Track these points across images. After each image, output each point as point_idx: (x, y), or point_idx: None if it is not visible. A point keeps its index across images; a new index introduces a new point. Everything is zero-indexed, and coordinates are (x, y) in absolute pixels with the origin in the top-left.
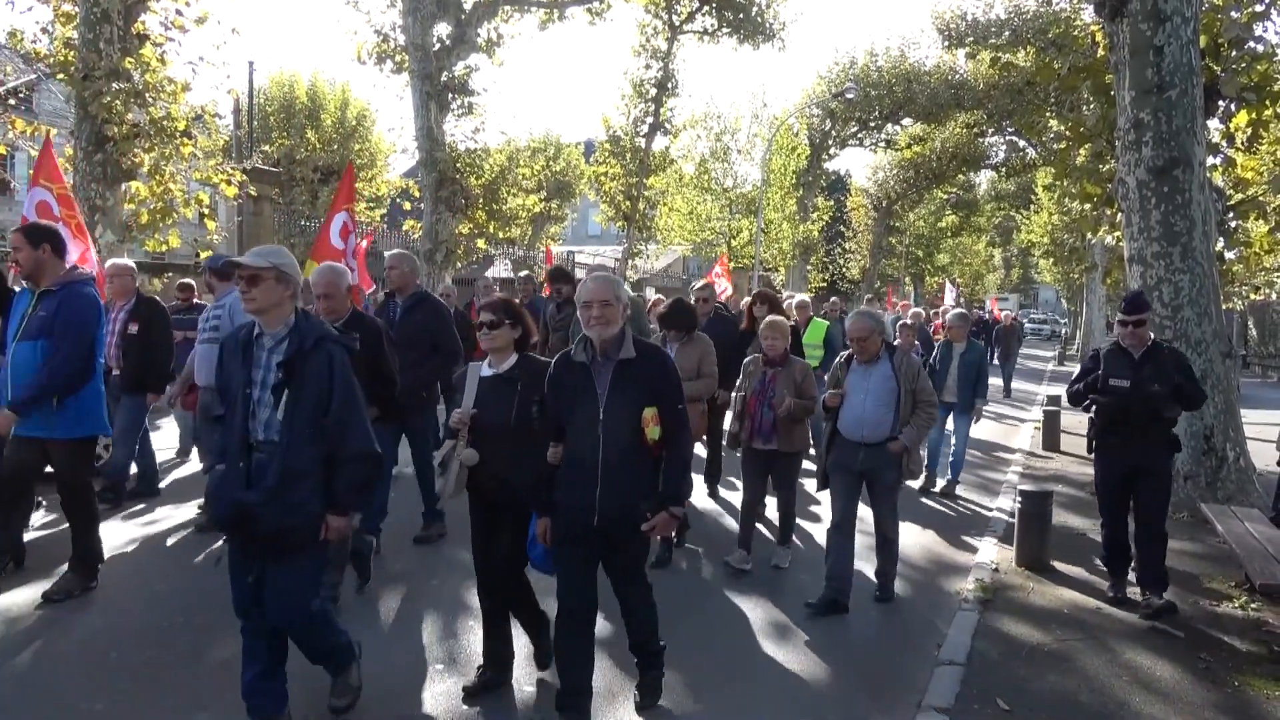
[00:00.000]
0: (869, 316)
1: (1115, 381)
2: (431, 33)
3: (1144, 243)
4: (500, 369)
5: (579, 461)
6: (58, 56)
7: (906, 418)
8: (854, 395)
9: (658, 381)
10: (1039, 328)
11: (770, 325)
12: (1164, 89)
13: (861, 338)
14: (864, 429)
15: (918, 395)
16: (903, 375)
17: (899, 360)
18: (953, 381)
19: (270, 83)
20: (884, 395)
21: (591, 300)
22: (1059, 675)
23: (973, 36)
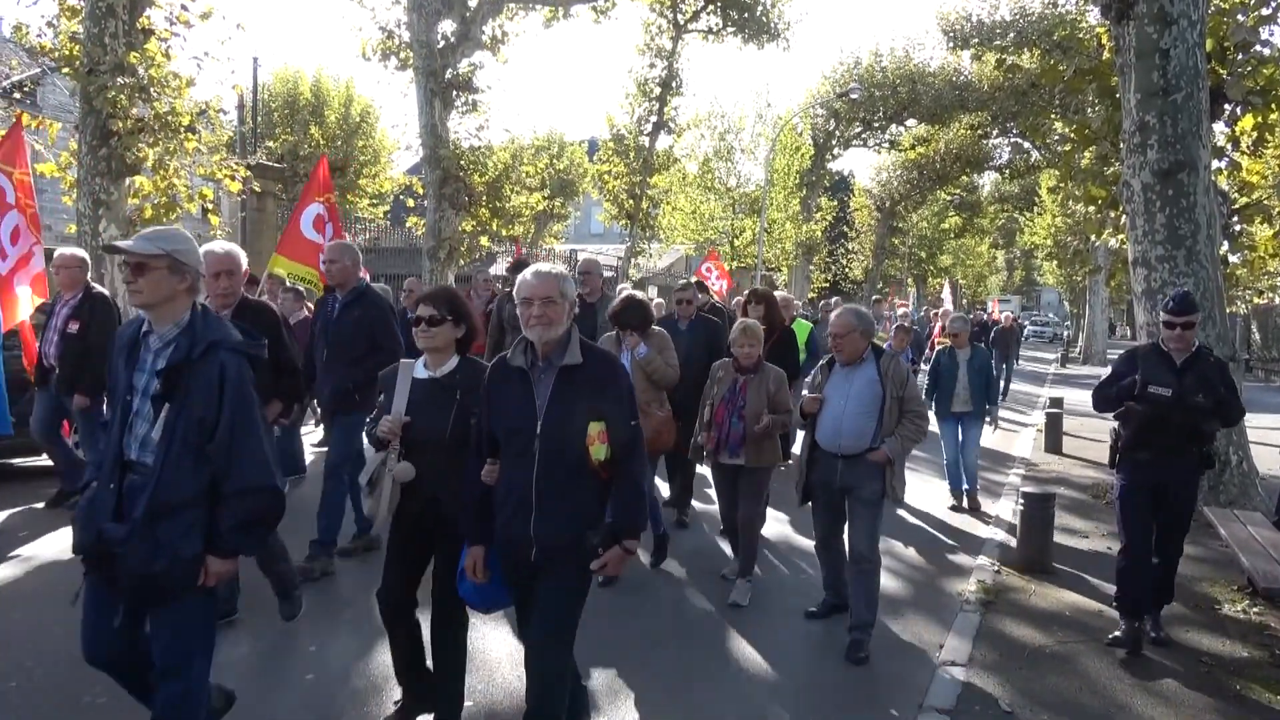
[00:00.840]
0: (852, 313)
1: (1156, 389)
2: (436, 30)
3: (1148, 246)
4: (437, 372)
5: (514, 484)
6: (63, 51)
7: (890, 427)
8: (833, 401)
9: (607, 392)
10: (1041, 330)
11: (742, 329)
12: (1170, 92)
13: (841, 335)
14: (841, 438)
15: (905, 404)
16: (889, 380)
17: (885, 364)
18: (963, 390)
19: (275, 79)
20: (866, 401)
21: (531, 297)
22: (1060, 677)
23: (978, 38)
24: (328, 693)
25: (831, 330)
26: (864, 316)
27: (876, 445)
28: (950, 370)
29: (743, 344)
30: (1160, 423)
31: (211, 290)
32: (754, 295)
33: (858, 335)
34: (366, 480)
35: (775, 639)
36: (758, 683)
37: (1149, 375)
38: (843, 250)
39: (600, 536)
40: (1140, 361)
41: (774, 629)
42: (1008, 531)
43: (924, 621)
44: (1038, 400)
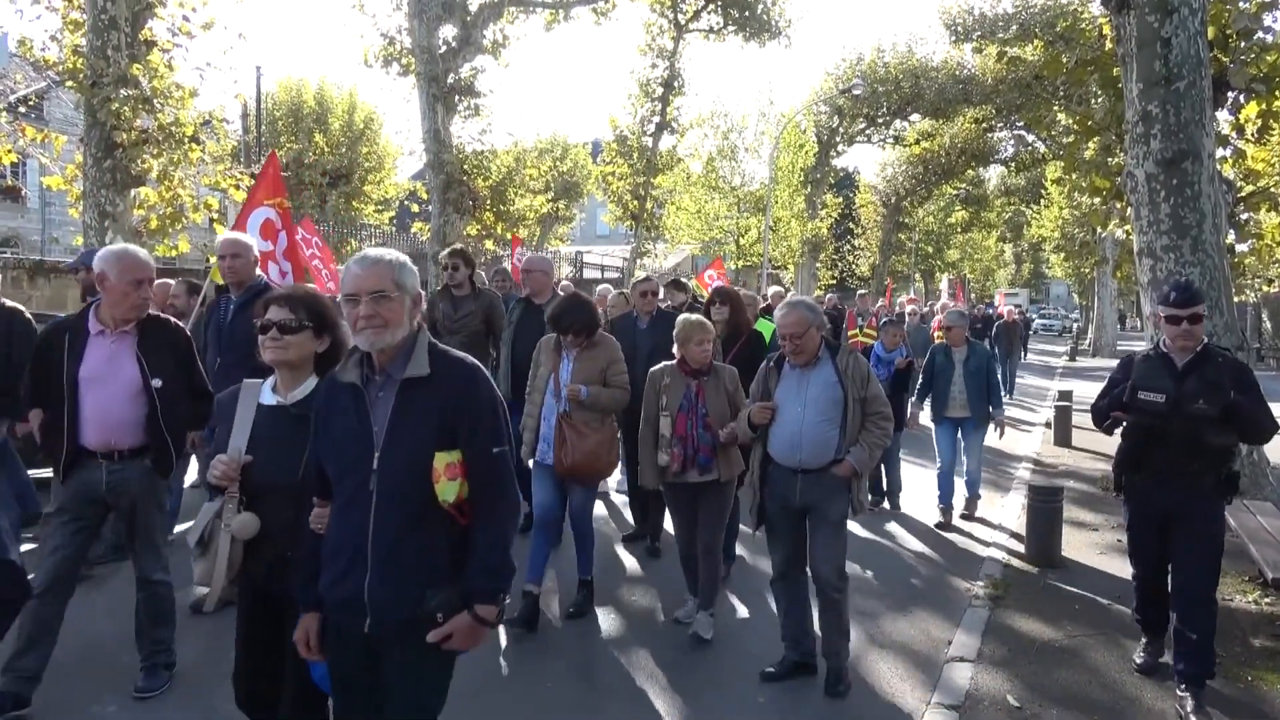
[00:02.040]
0: (804, 307)
1: (1147, 395)
2: (437, 35)
3: (1153, 236)
4: (289, 397)
5: (344, 533)
6: (67, 64)
7: (854, 435)
8: (787, 408)
9: (462, 411)
10: (1049, 324)
11: (697, 325)
12: (1172, 81)
13: (796, 334)
14: (801, 451)
15: (868, 405)
16: (850, 380)
17: (843, 362)
18: (959, 393)
19: (278, 87)
20: (826, 406)
21: (357, 292)
22: (1070, 671)
23: (980, 31)
24: None
25: (782, 330)
26: (816, 309)
27: (841, 456)
28: (944, 371)
29: (701, 341)
30: (1156, 437)
31: (129, 300)
32: (717, 294)
33: (814, 331)
34: (196, 540)
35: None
36: (753, 687)
37: (1141, 380)
38: (849, 247)
39: (443, 598)
40: (1136, 366)
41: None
42: (1016, 525)
43: (932, 616)
44: (1047, 393)
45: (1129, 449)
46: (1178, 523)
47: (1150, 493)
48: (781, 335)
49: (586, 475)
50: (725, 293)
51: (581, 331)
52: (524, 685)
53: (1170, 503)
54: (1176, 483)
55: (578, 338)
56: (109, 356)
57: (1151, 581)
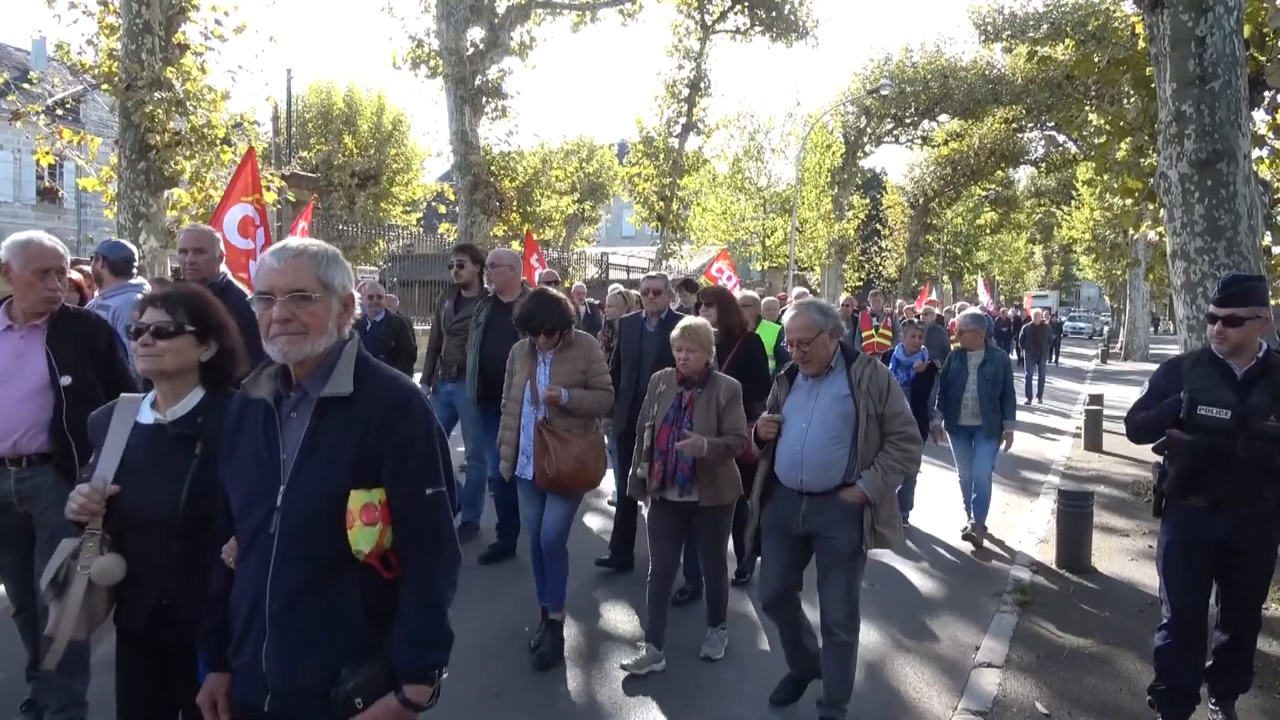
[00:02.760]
0: (814, 309)
1: (1209, 411)
2: (465, 37)
3: (1187, 238)
4: (168, 414)
5: (244, 585)
6: (102, 67)
7: (869, 456)
8: (793, 423)
9: (386, 440)
10: (1080, 326)
11: (680, 330)
12: (1206, 80)
13: (804, 339)
14: (803, 470)
15: (887, 423)
16: (863, 393)
17: (859, 372)
18: (971, 400)
19: (308, 90)
20: (834, 422)
21: (271, 290)
22: (1100, 679)
23: (1010, 30)
24: None
25: (790, 335)
26: (829, 313)
27: (851, 480)
28: (958, 376)
29: (681, 348)
30: (1219, 457)
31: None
32: (703, 295)
33: (826, 337)
34: (48, 580)
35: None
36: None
37: (1199, 392)
38: (876, 248)
39: (362, 677)
40: (1186, 373)
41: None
42: (1045, 530)
43: (959, 622)
44: (1078, 397)
45: (1185, 471)
46: (1237, 553)
47: (1204, 520)
48: (789, 341)
49: (571, 486)
50: (712, 292)
51: (554, 331)
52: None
53: (1228, 531)
54: (1239, 509)
55: (550, 338)
56: (16, 353)
57: (1190, 613)
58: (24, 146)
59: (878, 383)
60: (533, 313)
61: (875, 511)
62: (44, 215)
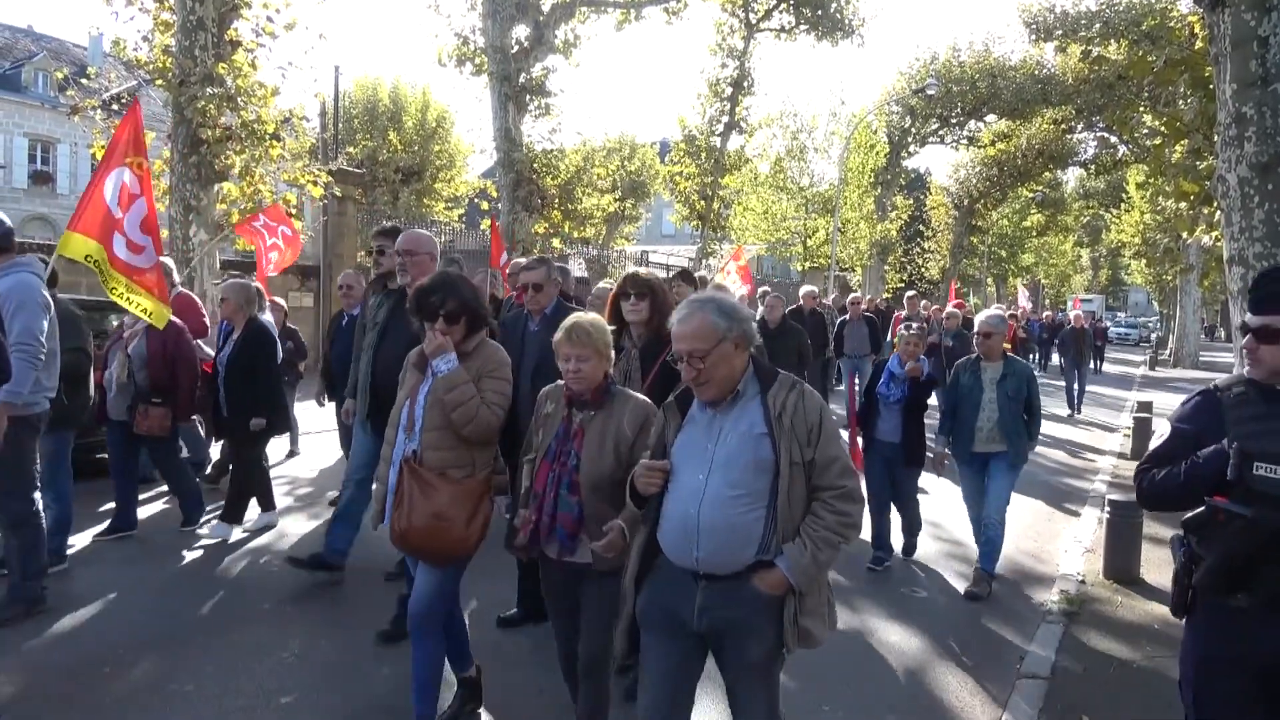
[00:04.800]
0: (713, 308)
1: (1273, 471)
2: (510, 35)
3: (1245, 243)
4: None
5: None
6: (157, 63)
7: (793, 522)
8: (685, 473)
9: None
10: (1126, 332)
11: (569, 333)
12: (1269, 81)
13: (696, 351)
14: (698, 544)
15: (819, 473)
16: (785, 430)
17: (780, 400)
18: (987, 422)
19: (355, 86)
20: (743, 473)
21: None
22: (1147, 693)
23: (1062, 29)
24: None
25: (679, 342)
26: (735, 313)
27: (768, 558)
28: (971, 392)
29: (566, 355)
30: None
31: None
32: (631, 284)
33: (729, 348)
34: None
35: (851, 648)
36: (832, 693)
37: (1256, 441)
38: (919, 249)
39: None
40: (1231, 412)
41: (851, 637)
42: (1091, 540)
43: (1004, 631)
44: (1125, 404)
45: (1233, 559)
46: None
47: (1255, 628)
48: (675, 353)
49: (427, 552)
50: (643, 282)
51: (457, 317)
52: None
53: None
54: None
55: (453, 326)
56: None
57: None
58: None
59: (806, 415)
60: (433, 287)
61: (800, 601)
62: None
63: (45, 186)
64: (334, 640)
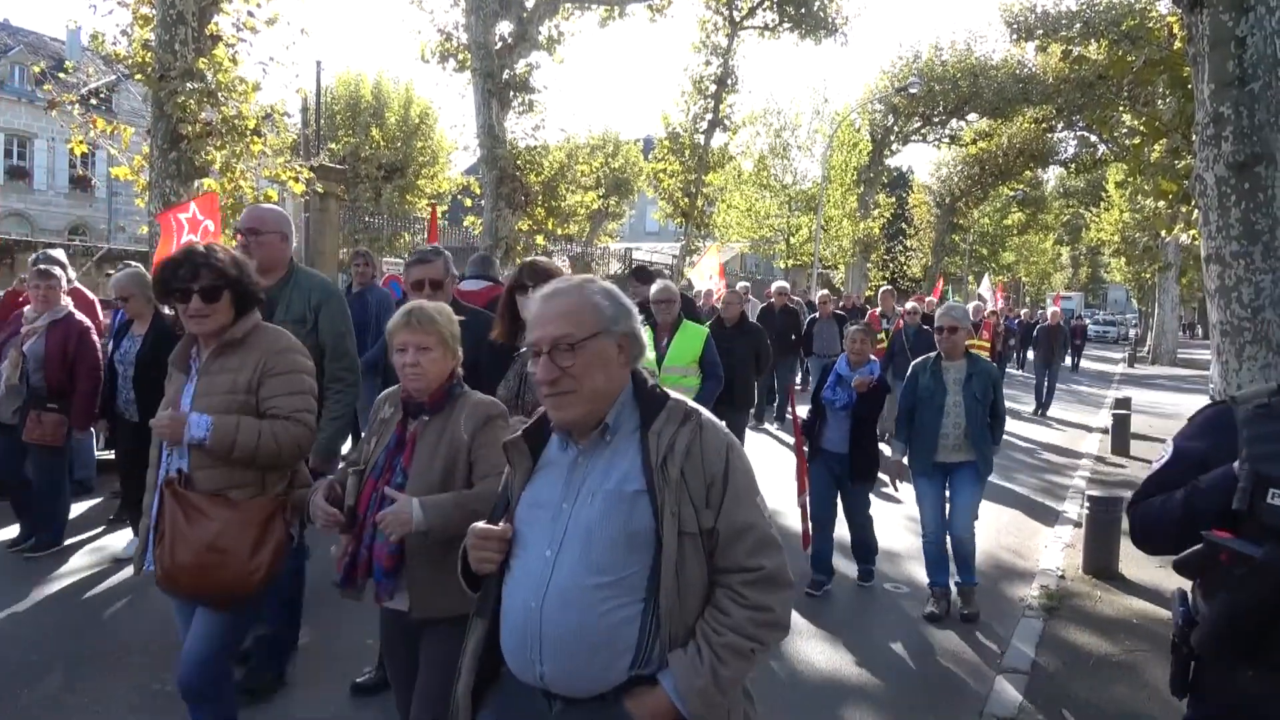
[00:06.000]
0: (595, 287)
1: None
2: (494, 31)
3: (1222, 241)
4: None
5: None
6: (136, 58)
7: (683, 620)
8: (530, 544)
9: None
10: (1104, 330)
11: (409, 318)
12: (1246, 82)
13: (566, 339)
14: (542, 653)
15: (724, 548)
16: (672, 482)
17: (666, 437)
18: (952, 428)
19: (337, 82)
20: (608, 550)
21: None
22: (1126, 687)
23: (1042, 29)
24: None
25: (540, 324)
26: (621, 299)
27: (648, 672)
28: (932, 394)
29: (404, 345)
30: None
31: None
32: (532, 274)
33: (610, 345)
34: None
35: (831, 644)
36: (814, 688)
37: (1271, 464)
38: (901, 247)
39: None
40: (1246, 429)
41: (830, 634)
42: (1072, 536)
43: (985, 627)
44: (1104, 401)
45: (1241, 614)
46: None
47: (1269, 706)
48: (532, 344)
49: (203, 595)
50: (544, 274)
51: (213, 295)
52: None
53: None
54: None
55: (210, 306)
56: None
57: None
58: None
59: (704, 461)
60: (182, 259)
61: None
62: (76, 203)
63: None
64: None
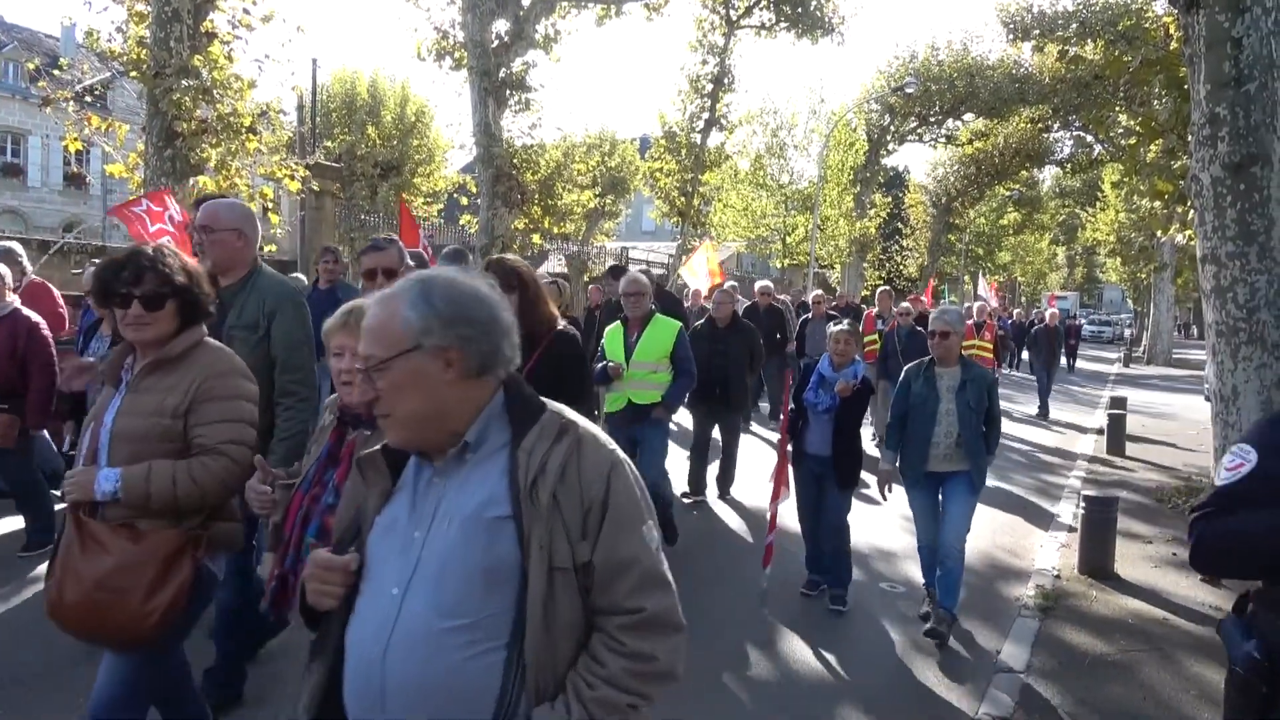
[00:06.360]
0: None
1: None
2: (490, 29)
3: (1218, 242)
4: None
5: None
6: (131, 55)
7: (553, 669)
8: (377, 580)
9: None
10: (1100, 330)
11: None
12: (1242, 82)
13: (372, 360)
14: (384, 704)
15: (602, 585)
16: (543, 511)
17: (536, 454)
18: (944, 437)
19: (333, 80)
20: (464, 587)
21: None
22: (1122, 687)
23: (1039, 29)
24: None
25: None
26: (446, 301)
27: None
28: (925, 401)
29: (341, 348)
30: None
31: None
32: (498, 271)
33: (426, 361)
34: None
35: (829, 643)
36: (810, 686)
37: None
38: (897, 247)
39: None
40: None
41: (828, 633)
42: (1067, 535)
43: (980, 626)
44: (1099, 401)
45: None
46: None
47: None
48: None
49: (95, 637)
50: (510, 272)
51: (157, 303)
52: None
53: None
54: None
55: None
56: None
57: None
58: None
59: (581, 483)
60: (124, 261)
61: None
62: (70, 200)
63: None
64: None
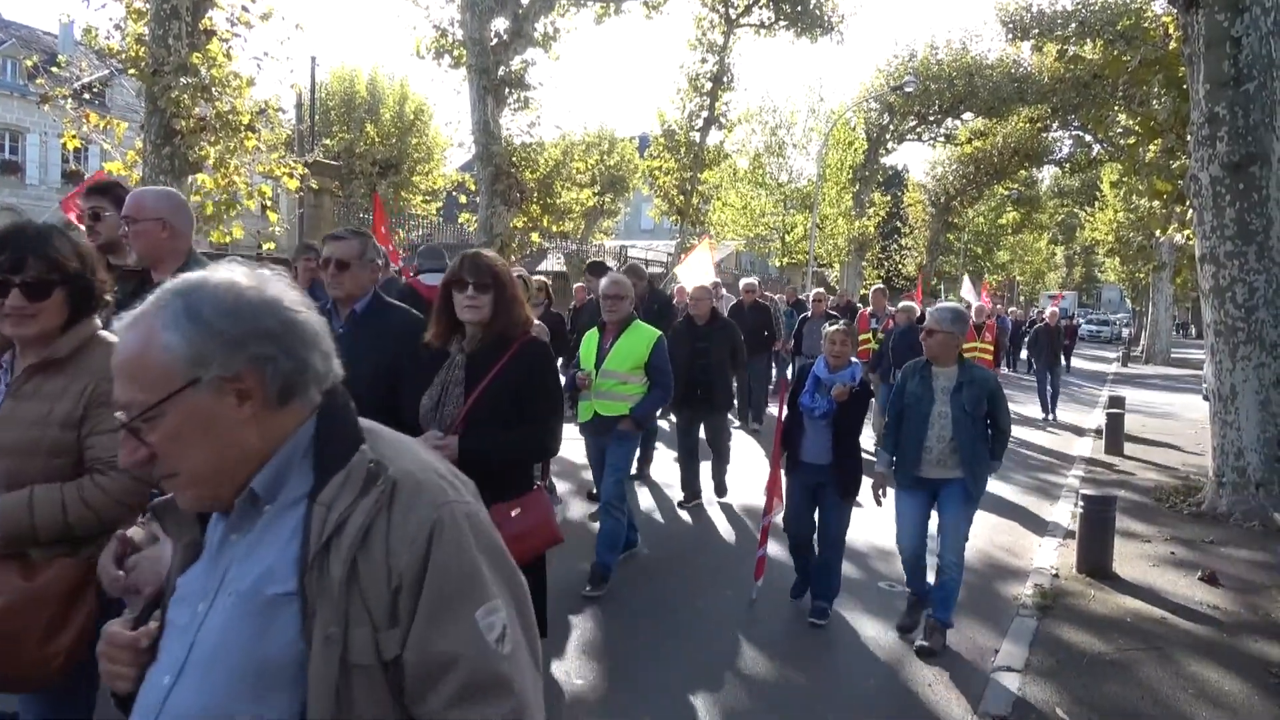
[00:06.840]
0: (172, 311)
1: None
2: (489, 27)
3: (1217, 241)
4: None
5: None
6: (129, 52)
7: None
8: (161, 652)
9: None
10: (1098, 329)
11: None
12: (1241, 82)
13: (135, 405)
14: None
15: (415, 688)
16: (335, 589)
17: (337, 508)
18: (938, 440)
19: (331, 77)
20: (234, 683)
21: None
22: (1120, 686)
23: (1038, 28)
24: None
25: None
26: (233, 315)
27: None
28: (920, 401)
29: None
30: None
31: None
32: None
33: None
34: None
35: (827, 642)
36: (807, 686)
37: None
38: (896, 246)
39: None
40: None
41: (826, 632)
42: (1066, 534)
43: (978, 625)
44: (1097, 400)
45: None
46: None
47: None
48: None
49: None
50: (485, 270)
51: (43, 292)
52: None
53: None
54: None
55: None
56: None
57: None
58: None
59: (393, 548)
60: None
61: None
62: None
63: (14, 176)
64: None
